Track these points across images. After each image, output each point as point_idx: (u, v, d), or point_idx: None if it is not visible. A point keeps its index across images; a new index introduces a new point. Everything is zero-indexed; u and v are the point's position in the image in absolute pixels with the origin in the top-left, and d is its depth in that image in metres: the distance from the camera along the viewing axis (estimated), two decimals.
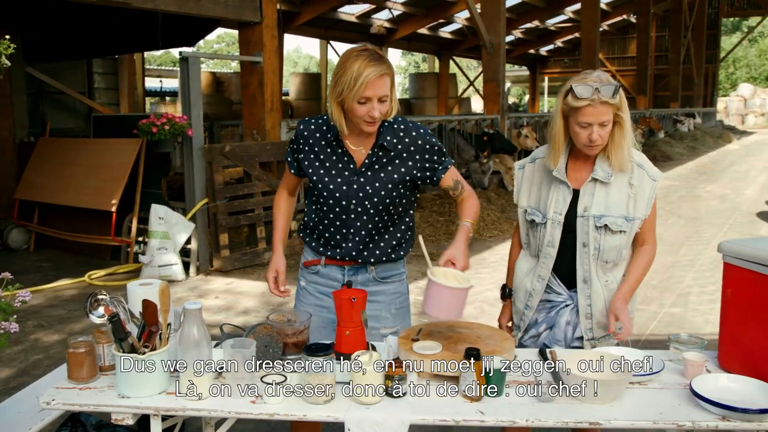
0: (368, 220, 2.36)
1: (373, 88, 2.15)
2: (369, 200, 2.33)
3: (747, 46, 50.51)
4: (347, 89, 2.15)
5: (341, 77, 2.17)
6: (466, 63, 36.52)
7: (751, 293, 2.00)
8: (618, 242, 2.33)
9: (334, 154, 2.35)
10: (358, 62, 2.14)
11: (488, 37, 10.82)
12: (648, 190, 2.35)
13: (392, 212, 2.39)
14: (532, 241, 2.47)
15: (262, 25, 7.12)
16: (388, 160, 2.33)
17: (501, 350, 2.06)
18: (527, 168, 2.51)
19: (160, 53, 44.16)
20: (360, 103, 2.17)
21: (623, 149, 2.29)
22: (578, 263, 2.36)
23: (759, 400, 1.85)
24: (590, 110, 2.20)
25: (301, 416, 1.85)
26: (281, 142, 7.27)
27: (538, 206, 2.43)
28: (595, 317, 2.38)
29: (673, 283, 6.17)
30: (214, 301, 5.79)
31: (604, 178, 2.32)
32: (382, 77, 2.16)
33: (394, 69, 2.30)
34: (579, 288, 2.37)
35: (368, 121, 2.21)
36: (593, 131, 2.22)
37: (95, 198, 6.89)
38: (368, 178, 2.32)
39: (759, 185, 13.21)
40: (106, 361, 2.09)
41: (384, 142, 2.30)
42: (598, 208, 2.32)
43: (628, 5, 25.20)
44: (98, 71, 11.45)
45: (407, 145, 2.33)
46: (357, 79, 2.13)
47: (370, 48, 2.20)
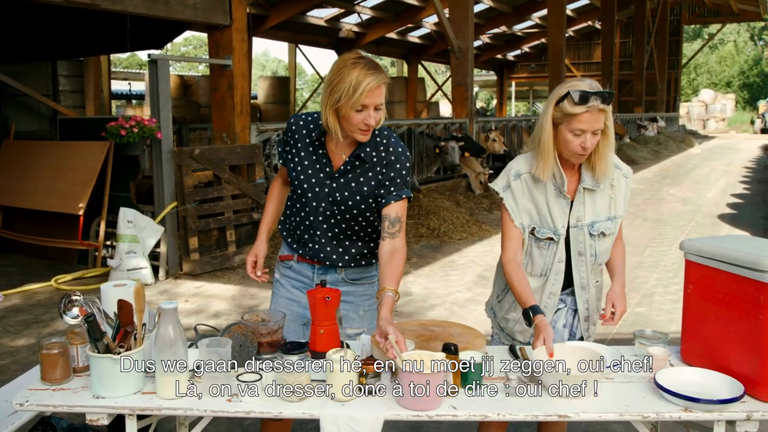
0: (334, 224, 2.38)
1: (371, 96, 2.16)
2: (337, 206, 2.35)
3: (708, 53, 51.74)
4: (345, 97, 2.15)
5: (338, 84, 2.16)
6: (435, 67, 36.77)
7: (710, 289, 2.08)
8: (609, 244, 2.42)
9: (315, 154, 2.37)
10: (357, 70, 2.14)
11: (456, 42, 10.93)
12: (624, 188, 2.42)
13: (362, 223, 2.40)
14: (538, 260, 2.39)
15: (232, 29, 7.10)
16: (361, 170, 2.33)
17: (473, 347, 2.11)
18: (514, 186, 2.37)
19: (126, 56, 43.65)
20: (357, 111, 2.18)
21: (607, 158, 2.29)
22: (575, 272, 2.39)
23: (719, 392, 1.93)
24: (587, 117, 2.18)
25: (277, 413, 1.87)
26: (251, 146, 7.26)
27: (540, 222, 2.36)
28: (591, 318, 2.48)
29: (638, 283, 6.31)
30: (185, 304, 5.75)
31: (593, 186, 2.34)
32: (380, 87, 2.17)
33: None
34: (578, 294, 2.42)
35: (363, 129, 2.22)
36: (587, 139, 2.21)
37: (62, 201, 6.80)
38: (340, 184, 2.34)
39: (719, 188, 13.54)
40: (80, 363, 2.09)
41: (362, 152, 2.31)
42: (589, 217, 2.36)
43: (593, 12, 25.62)
44: (63, 73, 11.27)
45: (382, 159, 2.33)
46: (357, 88, 2.13)
47: (366, 56, 2.21)
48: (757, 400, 1.92)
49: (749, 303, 1.93)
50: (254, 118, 16.60)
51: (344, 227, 2.39)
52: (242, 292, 6.12)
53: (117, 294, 2.06)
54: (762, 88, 50.58)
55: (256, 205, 7.22)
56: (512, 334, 2.51)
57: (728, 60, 52.91)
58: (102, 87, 12.71)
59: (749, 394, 1.92)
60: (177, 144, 11.67)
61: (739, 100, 50.70)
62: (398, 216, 2.30)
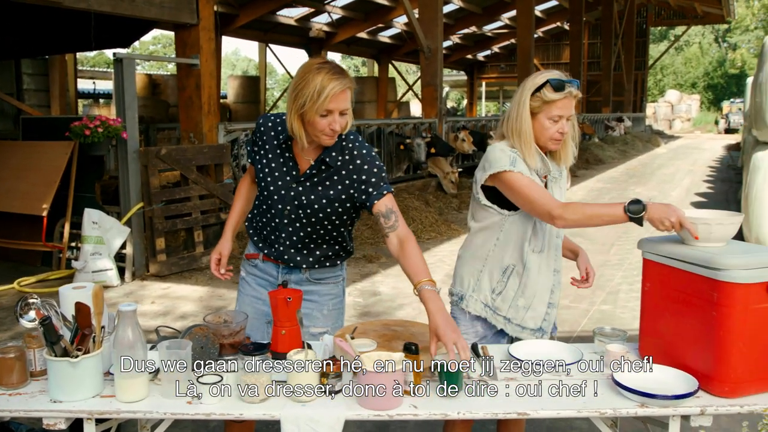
0: (300, 228, 2.38)
1: (336, 101, 2.15)
2: (302, 210, 2.34)
3: (673, 54, 52.64)
4: (310, 102, 2.14)
5: (303, 90, 2.15)
6: (405, 67, 36.85)
7: (666, 286, 2.12)
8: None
9: (282, 156, 2.36)
10: (321, 75, 2.13)
11: (426, 42, 10.97)
12: (565, 176, 2.51)
13: (327, 226, 2.39)
14: (539, 232, 2.39)
15: (199, 27, 7.05)
16: (327, 175, 2.32)
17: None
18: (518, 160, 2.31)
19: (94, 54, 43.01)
20: (322, 116, 2.17)
21: (570, 145, 2.41)
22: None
23: (675, 387, 1.97)
24: (564, 103, 2.30)
25: (238, 415, 1.87)
26: (218, 146, 7.20)
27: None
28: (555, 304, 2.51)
29: (603, 281, 6.40)
30: (151, 306, 5.70)
31: (557, 175, 2.44)
32: (344, 91, 2.17)
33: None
34: (553, 279, 2.47)
35: (328, 134, 2.21)
36: (564, 124, 2.32)
37: (25, 202, 6.69)
38: (306, 188, 2.33)
39: (684, 187, 13.78)
40: (38, 366, 2.06)
41: (327, 157, 2.29)
42: None
43: (562, 13, 25.91)
44: (27, 72, 11.08)
45: (348, 164, 2.31)
46: (321, 93, 2.12)
47: (331, 61, 2.21)
48: (711, 395, 1.96)
49: (703, 300, 1.97)
50: (224, 118, 16.49)
51: (309, 231, 2.39)
52: (210, 293, 6.07)
53: (75, 296, 2.03)
54: (726, 89, 51.59)
55: (223, 205, 7.17)
56: (523, 323, 2.43)
57: (693, 61, 53.86)
58: (68, 86, 12.52)
59: (704, 390, 1.97)
60: (145, 144, 11.57)
61: (704, 101, 51.64)
62: (389, 208, 2.27)
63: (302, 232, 2.38)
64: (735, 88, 49.17)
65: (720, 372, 1.94)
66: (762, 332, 1.93)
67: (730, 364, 1.93)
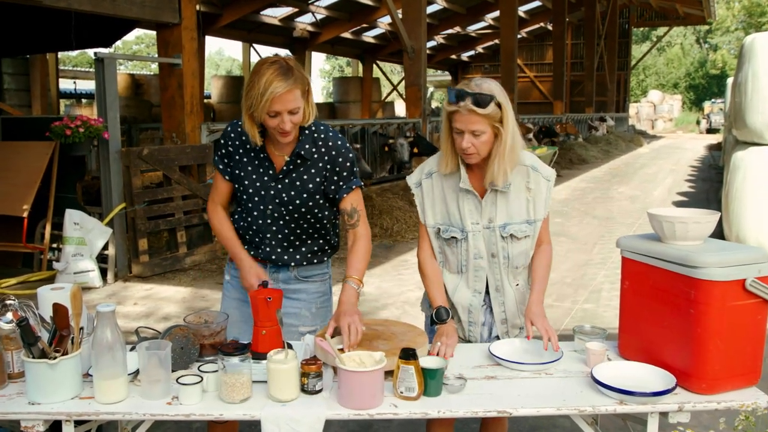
0: (284, 225, 2.39)
1: (281, 102, 2.14)
2: (285, 207, 2.35)
3: (656, 55, 53.07)
4: (256, 103, 2.14)
5: (250, 90, 2.15)
6: (390, 67, 36.84)
7: (644, 284, 2.14)
8: (525, 247, 2.39)
9: (257, 158, 2.36)
10: (266, 76, 2.12)
11: (409, 42, 10.98)
12: (544, 190, 2.37)
13: (311, 220, 2.40)
14: (451, 257, 2.40)
15: (181, 27, 7.01)
16: (304, 168, 2.34)
17: (415, 345, 2.12)
18: (425, 184, 2.40)
19: (76, 53, 42.65)
20: (270, 116, 2.17)
21: (495, 164, 2.23)
22: (489, 273, 2.38)
23: (653, 384, 1.99)
24: (458, 117, 2.18)
25: (218, 416, 1.86)
26: (201, 146, 7.17)
27: (449, 221, 2.36)
28: (510, 321, 2.45)
29: (586, 280, 6.44)
30: (134, 307, 5.66)
31: (502, 188, 2.30)
32: (290, 91, 2.14)
33: (318, 73, 2.29)
34: (492, 296, 2.41)
35: (279, 132, 2.22)
36: (464, 139, 2.19)
37: (5, 203, 6.61)
38: (285, 185, 2.34)
39: (666, 187, 13.90)
40: (16, 368, 2.04)
41: (302, 150, 2.31)
42: (501, 218, 2.33)
43: (545, 13, 26.01)
44: (8, 71, 10.98)
45: (324, 155, 2.34)
46: (263, 94, 2.11)
47: (281, 59, 2.18)
48: (688, 391, 1.98)
49: (681, 298, 1.99)
50: (208, 118, 16.42)
51: (293, 227, 2.39)
52: (193, 294, 6.04)
53: (53, 297, 2.01)
54: (707, 90, 52.08)
55: (206, 205, 7.13)
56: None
57: (675, 62, 54.32)
58: (49, 86, 12.41)
59: (681, 386, 1.99)
60: (128, 144, 11.49)
61: (686, 101, 52.11)
62: (354, 207, 2.39)
63: (287, 229, 2.39)
64: (716, 89, 49.66)
65: (697, 369, 1.97)
66: (739, 329, 1.96)
67: (708, 361, 1.95)
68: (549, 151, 13.84)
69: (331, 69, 56.88)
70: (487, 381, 2.07)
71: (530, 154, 2.40)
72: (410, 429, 3.34)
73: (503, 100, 2.19)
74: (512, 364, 2.13)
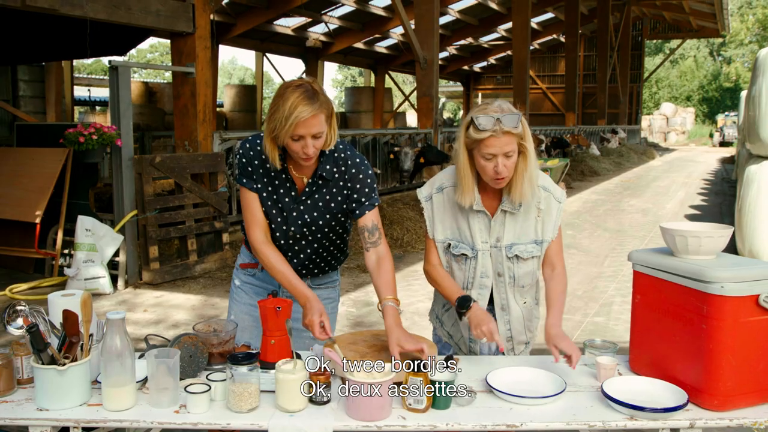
0: (306, 245, 2.40)
1: (305, 126, 2.11)
2: (307, 227, 2.36)
3: (669, 67, 52.91)
4: (280, 126, 2.12)
5: (275, 114, 2.13)
6: (402, 78, 36.95)
7: (657, 299, 2.12)
8: (531, 267, 2.38)
9: (278, 179, 2.34)
10: (291, 100, 2.09)
11: (422, 53, 11.00)
12: (555, 212, 2.35)
13: (332, 238, 2.43)
14: (458, 273, 2.39)
15: (195, 36, 7.06)
16: (326, 189, 2.34)
17: (424, 357, 2.11)
18: (435, 199, 2.40)
19: (91, 61, 43.06)
20: (294, 140, 2.15)
21: (524, 180, 2.22)
22: (495, 292, 2.38)
23: (664, 400, 1.97)
24: (493, 141, 2.14)
25: (225, 425, 1.86)
26: (213, 154, 7.20)
27: (460, 238, 2.36)
28: (516, 338, 2.44)
29: (597, 293, 6.40)
30: (144, 314, 5.67)
31: (511, 209, 2.30)
32: (315, 116, 2.11)
33: (330, 83, 2.27)
34: (498, 315, 2.40)
35: (302, 157, 2.19)
36: (498, 163, 2.16)
37: (18, 209, 6.66)
38: (308, 206, 2.34)
39: (679, 200, 13.82)
40: (25, 374, 2.05)
41: (323, 172, 2.30)
42: (509, 238, 2.32)
43: (558, 25, 26.04)
44: (24, 78, 11.07)
45: (343, 174, 2.33)
46: (288, 118, 2.09)
47: (306, 83, 2.15)
48: (700, 407, 1.96)
49: (693, 313, 1.97)
50: (220, 126, 16.51)
51: (316, 246, 2.41)
52: (203, 301, 6.05)
53: (64, 304, 2.02)
54: (720, 103, 51.84)
55: (217, 213, 7.16)
56: (459, 344, 2.51)
57: (688, 75, 54.12)
58: (64, 93, 12.51)
59: (693, 402, 1.96)
60: (140, 151, 11.56)
61: (699, 114, 51.86)
62: (375, 224, 2.35)
63: (309, 249, 2.40)
64: (729, 102, 49.45)
65: (709, 385, 1.94)
66: (751, 345, 1.93)
67: (720, 377, 1.93)
68: (561, 162, 13.80)
69: (344, 79, 57.15)
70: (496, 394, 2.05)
71: (542, 173, 2.36)
72: None
73: (523, 119, 2.20)
74: (511, 398, 2.00)
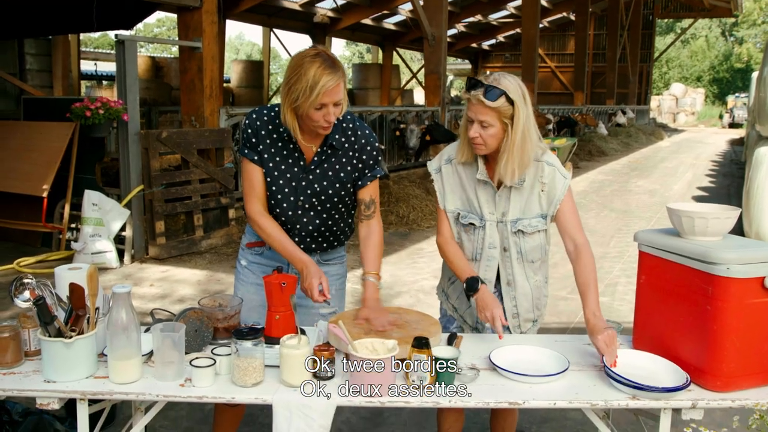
0: (315, 215, 2.40)
1: (330, 95, 2.14)
2: (317, 197, 2.36)
3: (680, 47, 52.35)
4: (303, 97, 2.13)
5: (296, 84, 2.13)
6: (410, 55, 36.73)
7: (661, 280, 2.12)
8: (539, 241, 2.39)
9: (286, 149, 2.34)
10: (313, 69, 2.11)
11: (430, 30, 10.92)
12: (560, 186, 2.34)
13: (341, 209, 2.43)
14: (467, 244, 2.41)
15: (202, 10, 7.01)
16: (336, 158, 2.35)
17: (428, 334, 2.12)
18: (444, 170, 2.43)
19: (98, 35, 42.91)
20: (316, 109, 2.16)
21: (507, 158, 2.22)
22: (501, 267, 2.39)
23: (666, 380, 1.97)
24: (470, 105, 2.22)
25: (230, 399, 1.87)
26: (220, 130, 7.19)
27: (469, 208, 2.38)
28: (522, 315, 2.45)
29: (602, 273, 6.39)
30: (149, 288, 5.71)
31: (517, 184, 2.31)
32: (338, 85, 2.14)
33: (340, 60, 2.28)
34: (504, 290, 2.41)
35: (324, 125, 2.21)
36: (473, 128, 2.22)
37: (25, 183, 6.68)
38: (317, 175, 2.35)
39: (686, 181, 13.75)
40: (32, 346, 2.07)
41: (333, 141, 2.32)
42: (514, 213, 2.33)
43: (568, 3, 25.72)
44: (30, 52, 11.04)
45: (353, 144, 2.36)
46: (314, 88, 2.11)
47: (323, 51, 2.17)
48: (702, 388, 1.96)
49: (698, 294, 1.97)
50: (227, 102, 16.46)
51: (325, 217, 2.41)
52: (209, 277, 6.08)
53: (70, 277, 2.03)
54: (731, 84, 51.36)
55: (224, 189, 7.17)
56: (464, 317, 2.53)
57: (699, 55, 53.58)
58: (71, 67, 12.47)
59: (695, 383, 1.97)
60: (147, 126, 11.55)
61: (709, 95, 51.43)
62: (372, 198, 2.44)
63: (318, 219, 2.40)
64: (740, 83, 48.97)
65: (713, 366, 1.95)
66: (755, 327, 1.93)
67: (723, 358, 1.93)
68: (568, 142, 13.73)
69: (351, 55, 56.82)
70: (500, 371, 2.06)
71: (550, 154, 2.35)
72: (421, 417, 3.35)
73: (517, 99, 2.17)
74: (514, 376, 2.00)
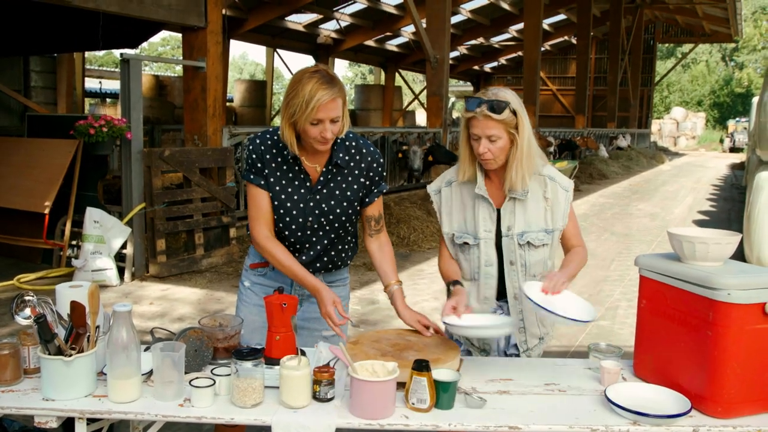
0: (324, 235, 2.41)
1: (325, 110, 2.16)
2: (324, 217, 2.37)
3: (680, 72, 52.68)
4: (299, 111, 2.16)
5: (293, 99, 2.18)
6: (412, 76, 36.93)
7: (662, 304, 2.11)
8: (543, 255, 2.41)
9: (291, 171, 2.36)
10: (310, 85, 2.15)
11: (432, 52, 10.99)
12: (563, 200, 2.41)
13: (348, 228, 2.46)
14: (464, 264, 2.46)
15: (207, 31, 7.08)
16: (341, 177, 2.37)
17: (447, 359, 2.10)
18: (444, 192, 2.49)
19: (102, 54, 43.20)
20: (312, 125, 2.19)
21: (515, 169, 2.29)
22: (507, 281, 2.41)
23: (668, 407, 1.96)
24: (475, 122, 2.26)
25: (229, 419, 1.87)
26: (222, 149, 7.22)
27: (465, 229, 2.43)
28: (529, 330, 2.46)
29: (602, 296, 6.39)
30: (149, 307, 5.70)
31: (521, 196, 2.36)
32: (334, 100, 2.17)
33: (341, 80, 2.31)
34: (511, 304, 2.43)
35: (320, 141, 2.23)
36: (481, 144, 2.27)
37: (27, 199, 6.70)
38: (323, 195, 2.36)
39: (687, 205, 13.76)
40: (32, 364, 2.06)
41: (338, 159, 2.34)
42: (519, 226, 2.37)
43: (570, 27, 25.96)
44: (35, 69, 11.12)
45: (358, 162, 2.38)
46: (309, 102, 2.14)
47: (322, 69, 2.21)
48: (704, 414, 1.95)
49: (699, 319, 1.97)
50: (229, 121, 16.53)
51: (332, 236, 2.42)
52: (208, 296, 6.07)
53: (71, 295, 2.03)
54: (732, 108, 51.58)
55: (225, 208, 7.18)
56: (471, 340, 2.52)
57: (700, 79, 53.88)
58: (75, 84, 12.55)
59: (696, 409, 1.96)
60: (150, 144, 11.59)
61: (710, 119, 51.63)
62: (380, 214, 2.50)
63: (325, 239, 2.41)
64: (741, 107, 49.18)
65: (713, 392, 1.93)
66: (757, 353, 1.93)
67: (724, 384, 1.92)
68: (569, 165, 13.77)
69: (354, 76, 57.18)
70: (500, 395, 2.05)
71: (550, 166, 2.44)
72: None
73: (518, 108, 2.27)
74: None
